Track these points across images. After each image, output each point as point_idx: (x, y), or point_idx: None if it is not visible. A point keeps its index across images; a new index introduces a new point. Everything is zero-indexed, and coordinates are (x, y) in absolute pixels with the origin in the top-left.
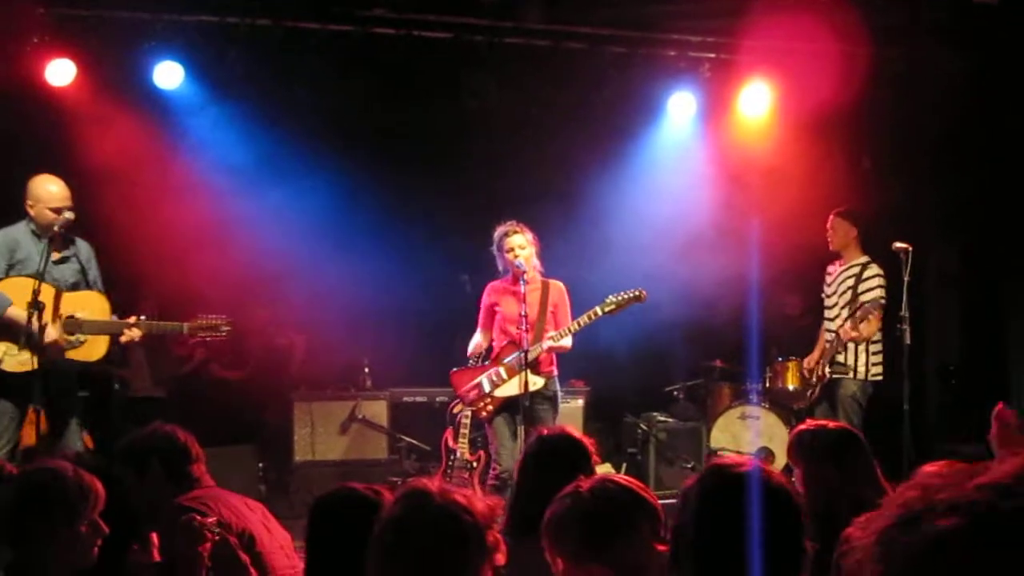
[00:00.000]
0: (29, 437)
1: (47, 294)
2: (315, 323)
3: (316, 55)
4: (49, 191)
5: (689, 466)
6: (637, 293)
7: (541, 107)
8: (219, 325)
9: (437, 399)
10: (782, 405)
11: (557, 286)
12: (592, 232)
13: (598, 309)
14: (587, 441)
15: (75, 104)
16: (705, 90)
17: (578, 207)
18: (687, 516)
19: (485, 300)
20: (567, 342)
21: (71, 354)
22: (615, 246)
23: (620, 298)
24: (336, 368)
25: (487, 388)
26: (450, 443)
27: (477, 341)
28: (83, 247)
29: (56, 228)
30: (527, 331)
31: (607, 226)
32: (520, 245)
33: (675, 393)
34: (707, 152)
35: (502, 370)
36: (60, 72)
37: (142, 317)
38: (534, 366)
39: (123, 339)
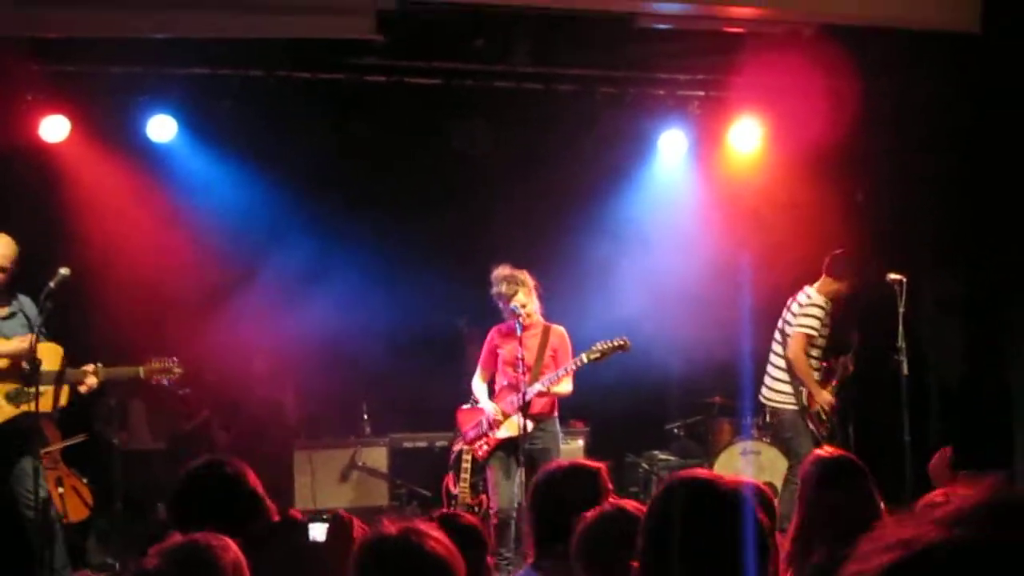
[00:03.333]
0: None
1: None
2: (312, 371)
3: (308, 104)
4: None
5: None
6: (621, 342)
7: (533, 149)
8: (172, 368)
9: (437, 444)
10: (783, 439)
11: (558, 331)
12: (585, 271)
13: (584, 356)
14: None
15: (69, 160)
16: (696, 127)
17: (570, 247)
18: (667, 531)
19: (489, 342)
20: (563, 388)
21: (24, 407)
22: (608, 285)
23: (605, 346)
24: (335, 415)
25: (484, 428)
26: (451, 488)
27: (478, 382)
28: (26, 302)
29: (52, 285)
30: (524, 374)
31: (600, 265)
32: (522, 303)
33: (675, 430)
34: (699, 189)
35: (498, 412)
36: (54, 128)
37: (98, 364)
38: (527, 409)
39: (82, 388)
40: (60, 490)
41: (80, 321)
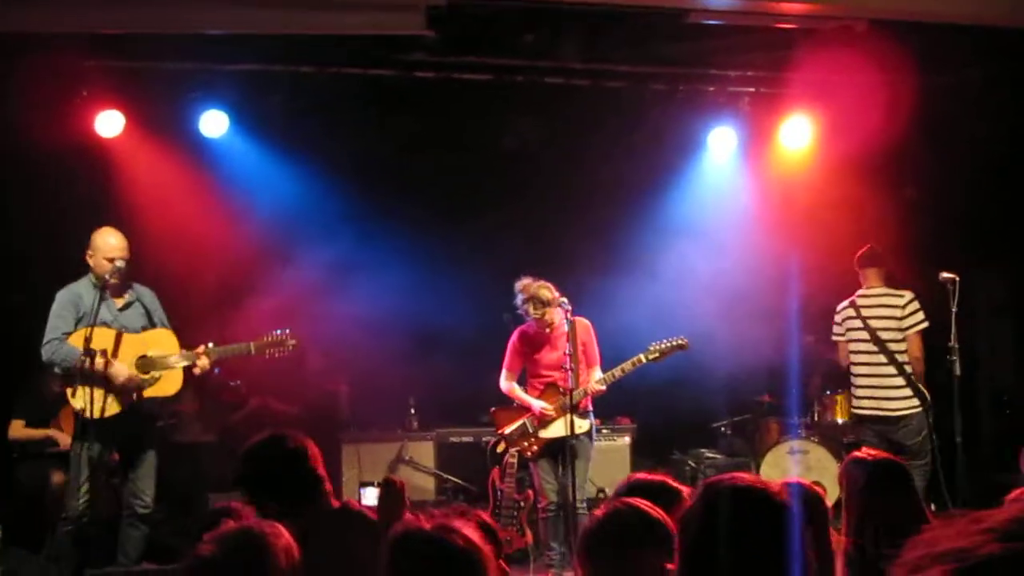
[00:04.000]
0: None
1: (108, 338)
2: (361, 363)
3: (358, 100)
4: (108, 242)
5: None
6: (681, 342)
7: (582, 145)
8: (285, 340)
9: (484, 439)
10: (832, 438)
11: (583, 324)
12: (634, 268)
13: (642, 356)
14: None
15: (124, 154)
16: (746, 124)
17: (618, 244)
18: (710, 536)
19: (514, 344)
20: (603, 386)
21: (148, 392)
22: (657, 282)
23: (664, 346)
24: (383, 409)
25: (531, 429)
26: (497, 483)
27: (510, 383)
28: (144, 292)
29: (107, 277)
30: (570, 370)
31: (648, 262)
32: (548, 323)
33: (722, 429)
34: (748, 186)
35: (548, 410)
36: (109, 123)
37: (209, 344)
38: (576, 408)
39: (196, 370)
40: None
41: None
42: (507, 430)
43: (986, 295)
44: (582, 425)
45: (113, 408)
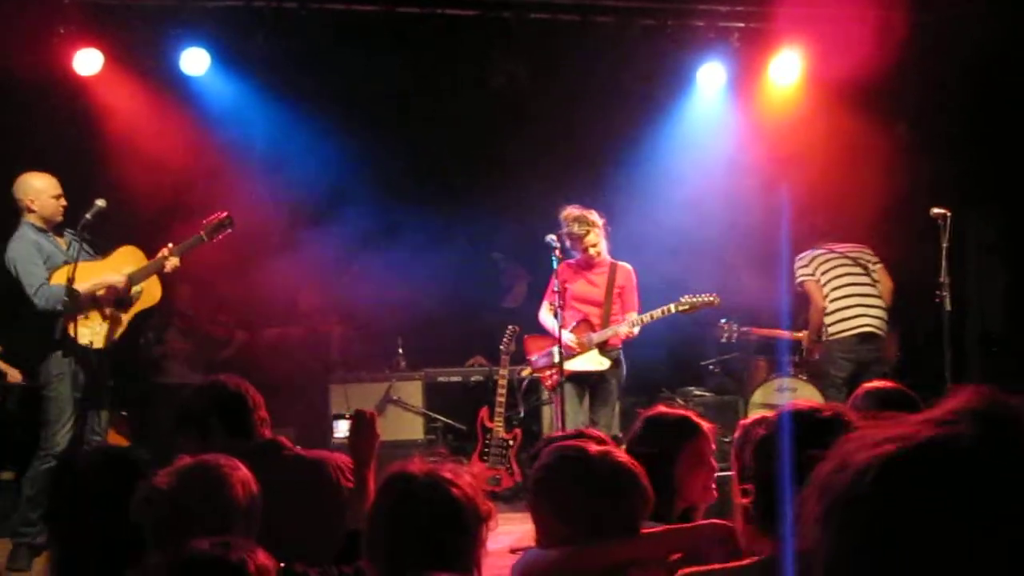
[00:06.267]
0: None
1: (85, 271)
2: (349, 304)
3: (342, 36)
4: (50, 183)
5: (728, 440)
6: (711, 299)
7: (570, 82)
8: (225, 220)
9: (472, 378)
10: (820, 376)
11: (625, 269)
12: (623, 206)
13: (672, 307)
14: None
15: (103, 92)
16: (735, 60)
17: (608, 182)
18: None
19: (555, 275)
20: (636, 329)
21: (137, 307)
22: (646, 221)
23: (695, 300)
24: (371, 349)
25: (556, 359)
26: (486, 422)
27: (547, 314)
28: (67, 233)
29: (56, 217)
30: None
31: (638, 200)
32: (593, 243)
33: (711, 367)
34: (738, 122)
35: (574, 343)
36: (88, 61)
37: (169, 245)
38: (603, 346)
39: (167, 268)
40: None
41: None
42: (534, 357)
43: (976, 234)
44: (603, 362)
45: (103, 340)
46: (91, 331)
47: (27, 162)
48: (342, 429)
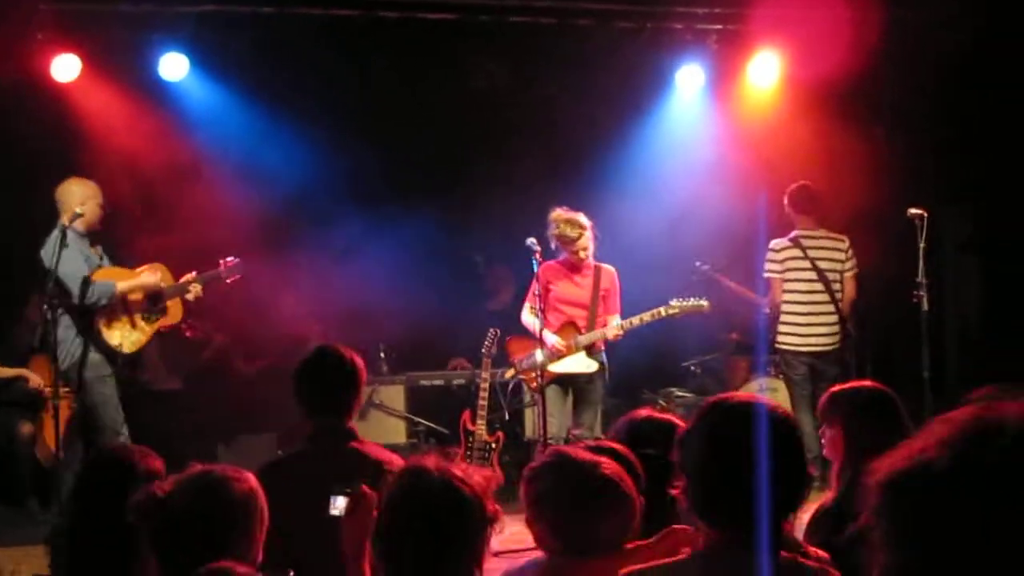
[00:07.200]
0: None
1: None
2: (330, 308)
3: (321, 41)
4: (95, 187)
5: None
6: (702, 303)
7: (547, 85)
8: (240, 266)
9: (454, 382)
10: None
11: (609, 272)
12: (602, 204)
13: (662, 310)
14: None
15: (81, 98)
16: (713, 62)
17: (586, 184)
18: (695, 454)
19: (538, 277)
20: (621, 331)
21: (164, 322)
22: (623, 221)
23: (685, 304)
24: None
25: (540, 360)
26: (468, 425)
27: (531, 317)
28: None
29: (67, 223)
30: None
31: (615, 203)
32: (583, 247)
33: (692, 368)
34: (716, 124)
35: (561, 345)
36: (66, 67)
37: (193, 273)
38: (590, 349)
39: (189, 297)
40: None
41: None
42: (519, 359)
43: (952, 232)
44: (591, 364)
45: (139, 344)
46: (120, 334)
47: (3, 169)
48: (339, 505)
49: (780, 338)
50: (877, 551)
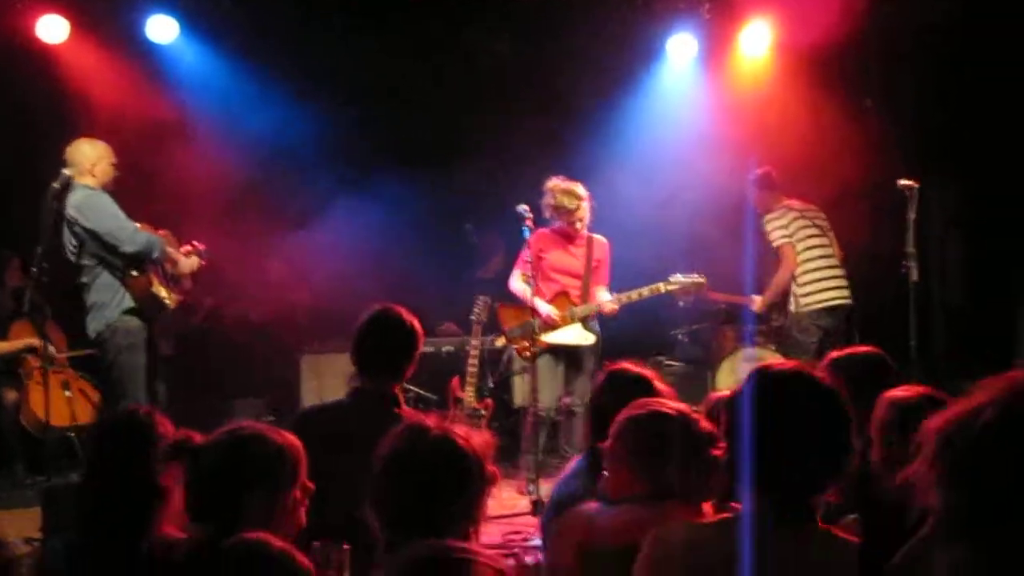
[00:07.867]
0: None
1: None
2: (319, 274)
3: (312, 4)
4: (106, 147)
5: (696, 409)
6: (700, 280)
7: (540, 55)
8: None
9: (443, 348)
10: (789, 344)
11: (601, 243)
12: (594, 175)
13: (661, 285)
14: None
15: (69, 60)
16: (705, 31)
17: (577, 153)
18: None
19: (529, 244)
20: (617, 305)
21: (177, 291)
22: (616, 189)
23: (685, 280)
24: (341, 319)
25: (535, 331)
26: (457, 392)
27: (521, 284)
28: None
29: (57, 186)
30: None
31: (608, 171)
32: (580, 217)
33: (680, 336)
34: (708, 93)
35: (555, 316)
36: (52, 28)
37: (194, 243)
38: (585, 320)
39: (184, 268)
40: (68, 393)
41: None
42: (510, 327)
43: (939, 206)
44: (588, 337)
45: (175, 301)
46: (164, 289)
47: None
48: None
49: (804, 299)
50: (929, 493)
